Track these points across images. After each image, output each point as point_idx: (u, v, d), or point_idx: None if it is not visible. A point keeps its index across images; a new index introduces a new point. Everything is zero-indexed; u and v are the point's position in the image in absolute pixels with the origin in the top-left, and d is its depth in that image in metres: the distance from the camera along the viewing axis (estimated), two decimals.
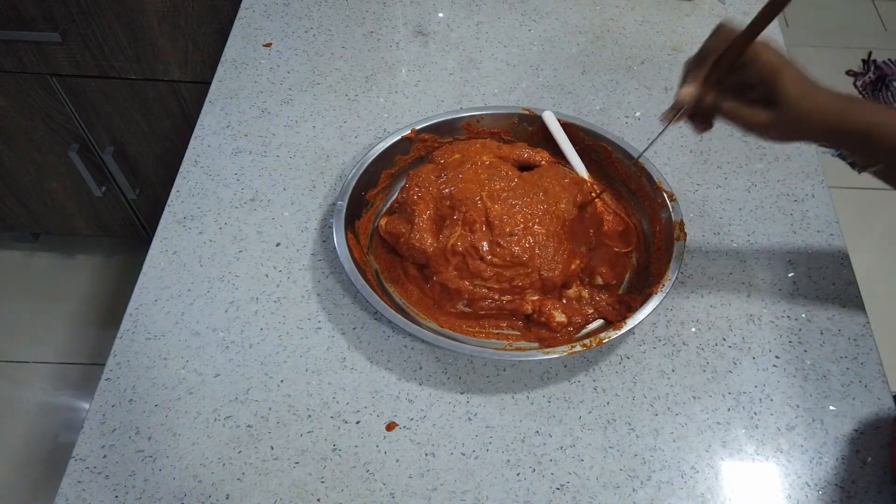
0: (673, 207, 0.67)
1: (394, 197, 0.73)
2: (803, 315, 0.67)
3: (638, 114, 0.83)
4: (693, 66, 0.56)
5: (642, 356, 0.64)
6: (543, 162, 0.74)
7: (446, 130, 0.75)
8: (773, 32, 0.91)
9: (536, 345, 0.63)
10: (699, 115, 0.58)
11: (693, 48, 0.90)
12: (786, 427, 0.60)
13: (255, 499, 0.55)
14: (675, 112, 0.58)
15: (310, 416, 0.60)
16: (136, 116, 1.20)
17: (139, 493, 0.56)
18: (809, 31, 2.20)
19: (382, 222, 0.69)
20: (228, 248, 0.70)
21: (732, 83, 0.55)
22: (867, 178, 0.72)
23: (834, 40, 2.16)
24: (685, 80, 0.56)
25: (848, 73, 2.05)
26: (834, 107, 0.53)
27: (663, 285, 0.62)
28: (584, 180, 0.73)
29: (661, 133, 0.62)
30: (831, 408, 0.61)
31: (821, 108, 0.53)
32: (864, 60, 2.08)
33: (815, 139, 0.57)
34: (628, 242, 0.70)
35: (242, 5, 0.94)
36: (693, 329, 0.66)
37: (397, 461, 0.57)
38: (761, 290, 0.68)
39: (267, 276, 0.68)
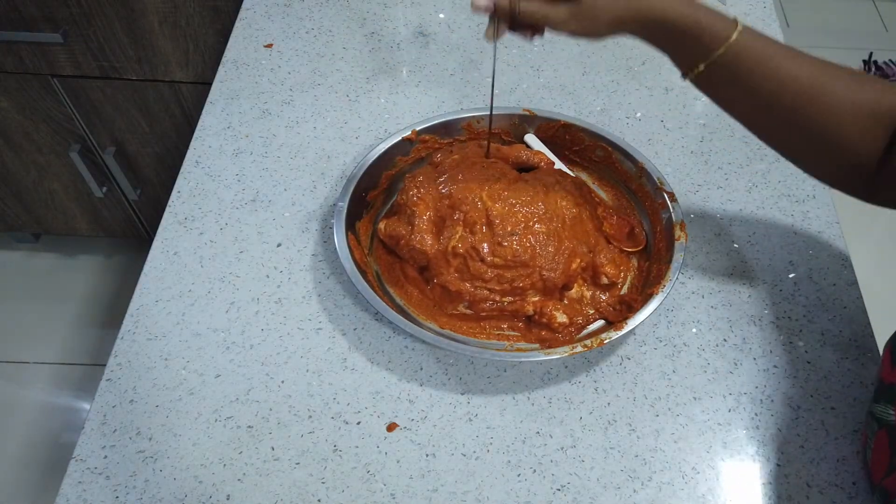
0: (674, 208, 0.67)
1: (394, 198, 0.73)
2: (804, 316, 0.67)
3: (639, 114, 0.83)
4: None
5: (643, 357, 0.64)
6: (543, 163, 0.74)
7: (447, 131, 0.75)
8: (773, 33, 0.92)
9: (537, 345, 0.63)
10: (519, 25, 0.59)
11: None
12: (786, 428, 0.60)
13: (255, 499, 0.55)
14: (492, 26, 0.59)
15: (310, 416, 0.60)
16: (138, 117, 1.20)
17: (140, 494, 0.56)
18: (810, 31, 2.20)
19: (381, 225, 0.69)
20: (229, 248, 0.70)
21: None
22: None
23: (834, 41, 2.17)
24: None
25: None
26: None
27: (664, 286, 0.62)
28: (584, 181, 0.73)
29: (494, 54, 0.64)
30: (832, 408, 0.61)
31: None
32: (864, 61, 2.08)
33: (623, 29, 0.55)
34: (637, 242, 0.70)
35: (244, 6, 0.94)
36: (694, 330, 0.66)
37: (398, 462, 0.57)
38: (762, 291, 0.68)
39: (268, 276, 0.68)
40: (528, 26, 0.59)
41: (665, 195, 0.68)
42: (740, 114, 0.56)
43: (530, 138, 0.77)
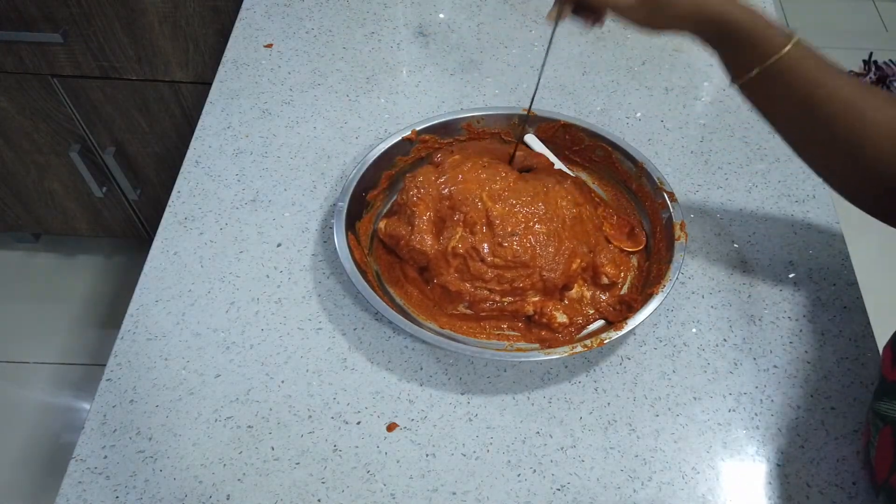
0: (674, 208, 0.67)
1: (394, 198, 0.74)
2: (804, 316, 0.67)
3: (639, 114, 0.83)
4: None
5: (643, 357, 0.64)
6: (543, 163, 0.74)
7: (447, 131, 0.76)
8: None
9: (537, 345, 0.63)
10: (582, 10, 0.61)
11: (694, 48, 0.91)
12: (786, 428, 0.60)
13: (255, 499, 0.55)
14: (557, 8, 0.61)
15: (310, 416, 0.60)
16: (138, 117, 1.20)
17: (140, 494, 0.56)
18: (810, 31, 2.18)
19: (381, 225, 0.69)
20: (229, 248, 0.70)
21: None
22: None
23: (834, 41, 2.16)
24: None
25: (849, 73, 2.05)
26: None
27: (664, 286, 0.62)
28: (584, 181, 0.73)
29: (552, 34, 0.65)
30: (832, 408, 0.61)
31: None
32: (864, 61, 2.08)
33: (685, 27, 0.57)
34: (637, 242, 0.70)
35: (243, 6, 0.94)
36: (694, 330, 0.66)
37: (398, 462, 0.57)
38: (762, 291, 0.68)
39: (268, 276, 0.68)
40: (592, 11, 0.61)
41: (665, 195, 0.68)
42: (781, 123, 0.58)
43: (530, 138, 0.77)
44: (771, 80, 0.55)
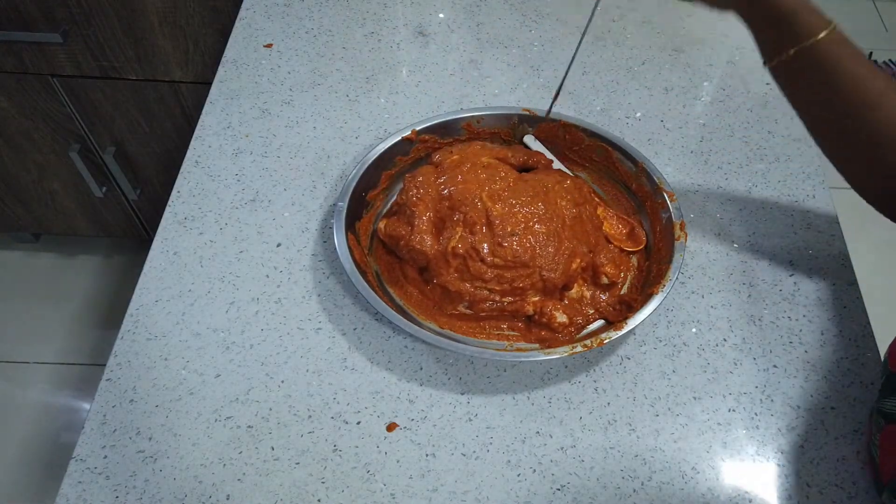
0: (674, 208, 0.67)
1: (393, 198, 0.74)
2: (804, 316, 0.67)
3: (639, 114, 0.83)
4: None
5: (643, 357, 0.64)
6: (542, 163, 0.74)
7: (446, 131, 0.75)
8: None
9: (537, 345, 0.63)
10: None
11: (694, 48, 0.91)
12: (786, 428, 0.60)
13: (255, 499, 0.55)
14: None
15: (310, 416, 0.60)
16: (137, 117, 1.20)
17: (140, 494, 0.56)
18: None
19: (381, 225, 0.69)
20: (229, 248, 0.70)
21: None
22: None
23: None
24: None
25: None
26: None
27: (664, 286, 0.62)
28: (584, 181, 0.73)
29: (594, 10, 0.67)
30: (832, 408, 0.61)
31: None
32: None
33: (736, 5, 0.57)
34: (637, 242, 0.70)
35: (243, 6, 0.94)
36: (694, 330, 0.66)
37: (398, 462, 0.57)
38: (762, 291, 0.68)
39: (267, 276, 0.68)
40: None
41: (665, 195, 0.68)
42: (806, 108, 0.59)
43: (529, 139, 0.77)
44: (804, 64, 0.55)
